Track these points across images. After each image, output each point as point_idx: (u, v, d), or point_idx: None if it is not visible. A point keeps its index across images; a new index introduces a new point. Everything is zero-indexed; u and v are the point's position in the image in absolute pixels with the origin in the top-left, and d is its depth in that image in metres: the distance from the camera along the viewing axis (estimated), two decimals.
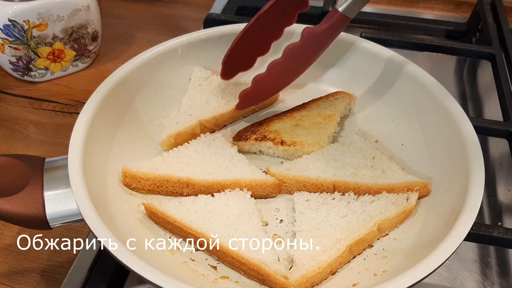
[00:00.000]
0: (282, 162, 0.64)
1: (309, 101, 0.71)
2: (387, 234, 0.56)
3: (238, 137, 0.66)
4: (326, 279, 0.52)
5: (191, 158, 0.62)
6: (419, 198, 0.58)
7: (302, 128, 0.66)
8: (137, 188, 0.59)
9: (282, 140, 0.64)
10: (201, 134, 0.66)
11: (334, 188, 0.60)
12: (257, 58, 0.69)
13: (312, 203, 0.58)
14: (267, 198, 0.61)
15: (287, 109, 0.70)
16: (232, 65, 0.68)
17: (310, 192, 0.60)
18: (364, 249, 0.54)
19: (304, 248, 0.52)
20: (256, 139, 0.65)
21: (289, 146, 0.64)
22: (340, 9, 0.60)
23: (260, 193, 0.60)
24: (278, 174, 0.61)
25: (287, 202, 0.60)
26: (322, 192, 0.60)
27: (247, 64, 0.69)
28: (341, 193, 0.59)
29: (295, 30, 0.70)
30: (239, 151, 0.65)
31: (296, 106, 0.70)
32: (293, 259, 0.52)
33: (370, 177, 0.60)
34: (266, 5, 0.64)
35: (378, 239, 0.55)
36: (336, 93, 0.71)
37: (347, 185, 0.59)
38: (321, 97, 0.71)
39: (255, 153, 0.66)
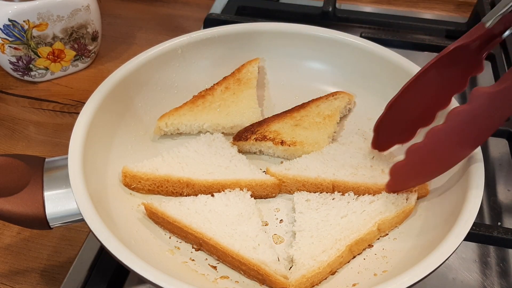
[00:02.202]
0: (282, 162, 0.64)
1: (309, 101, 0.71)
2: (387, 234, 0.56)
3: (238, 137, 0.66)
4: (326, 279, 0.52)
5: (191, 158, 0.62)
6: (418, 198, 0.58)
7: (302, 128, 0.66)
8: (137, 188, 0.59)
9: (282, 140, 0.64)
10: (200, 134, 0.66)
11: (333, 188, 0.60)
12: (419, 128, 0.59)
13: (312, 203, 0.58)
14: (267, 198, 0.61)
15: (287, 109, 0.70)
16: (386, 133, 0.59)
17: (310, 191, 0.60)
18: (364, 249, 0.55)
19: (304, 248, 0.52)
20: (256, 139, 0.65)
21: (289, 146, 0.64)
22: None
23: (260, 193, 0.60)
24: (278, 174, 0.61)
25: (287, 202, 0.60)
26: (321, 192, 0.60)
27: (406, 135, 0.59)
28: (341, 193, 0.59)
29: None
30: (239, 151, 0.65)
31: (296, 106, 0.70)
32: (293, 259, 0.52)
33: (370, 177, 0.60)
34: (424, 66, 0.54)
35: (378, 239, 0.55)
36: (335, 93, 0.71)
37: (346, 185, 0.59)
38: (320, 97, 0.71)
39: (255, 153, 0.66)
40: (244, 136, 0.65)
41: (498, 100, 0.47)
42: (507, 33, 0.51)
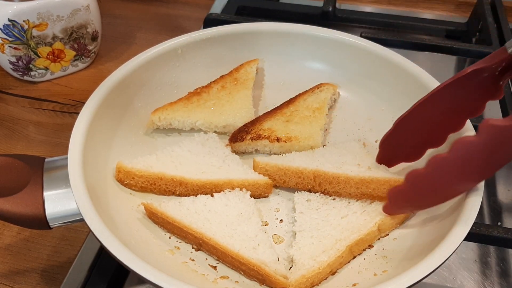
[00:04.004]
0: None
1: (296, 96, 0.71)
2: (387, 235, 0.56)
3: (234, 139, 0.65)
4: (326, 279, 0.52)
5: (184, 157, 0.62)
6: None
7: (293, 124, 0.66)
8: (129, 185, 0.59)
9: (277, 137, 0.65)
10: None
11: (314, 178, 0.59)
12: (428, 149, 0.57)
13: (313, 203, 0.58)
14: (259, 198, 0.61)
15: (275, 106, 0.70)
16: (393, 149, 0.58)
17: (292, 183, 0.60)
18: (364, 249, 0.55)
19: (304, 248, 0.52)
20: (252, 139, 0.65)
21: (285, 142, 0.64)
22: None
23: (253, 193, 0.59)
24: (262, 162, 0.61)
25: (287, 202, 0.60)
26: (302, 183, 0.59)
27: (414, 153, 0.58)
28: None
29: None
30: (236, 152, 0.65)
31: (284, 102, 0.70)
32: (293, 259, 0.52)
33: (353, 171, 0.59)
34: (440, 85, 0.53)
35: (379, 239, 0.55)
36: (320, 85, 0.72)
37: (327, 175, 0.58)
38: (306, 91, 0.71)
39: (251, 152, 0.66)
40: (239, 137, 0.65)
41: (507, 134, 0.44)
42: None
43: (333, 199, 0.58)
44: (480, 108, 0.53)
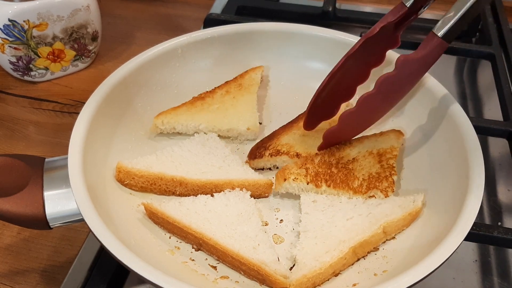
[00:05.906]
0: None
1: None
2: (394, 238, 0.55)
3: (253, 156, 0.64)
4: (328, 280, 0.52)
5: (184, 157, 0.62)
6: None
7: (311, 138, 0.65)
8: (130, 185, 0.59)
9: (296, 153, 0.63)
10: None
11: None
12: (342, 104, 0.64)
13: (319, 204, 0.57)
14: (259, 198, 0.61)
15: (289, 120, 0.69)
16: (316, 114, 0.63)
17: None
18: (369, 252, 0.54)
19: (307, 248, 0.52)
20: (271, 155, 0.63)
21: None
22: (440, 34, 0.55)
23: (253, 193, 0.59)
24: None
25: (287, 202, 0.60)
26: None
27: (331, 112, 0.64)
28: (347, 196, 0.58)
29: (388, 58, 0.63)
30: (254, 168, 0.63)
31: (300, 115, 0.69)
32: (296, 258, 0.52)
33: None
34: (353, 47, 0.58)
35: (384, 242, 0.55)
36: None
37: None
38: None
39: (269, 168, 0.65)
40: (258, 154, 0.64)
41: (420, 64, 0.54)
42: (422, 10, 0.60)
43: (340, 202, 0.58)
44: (382, 58, 0.62)
